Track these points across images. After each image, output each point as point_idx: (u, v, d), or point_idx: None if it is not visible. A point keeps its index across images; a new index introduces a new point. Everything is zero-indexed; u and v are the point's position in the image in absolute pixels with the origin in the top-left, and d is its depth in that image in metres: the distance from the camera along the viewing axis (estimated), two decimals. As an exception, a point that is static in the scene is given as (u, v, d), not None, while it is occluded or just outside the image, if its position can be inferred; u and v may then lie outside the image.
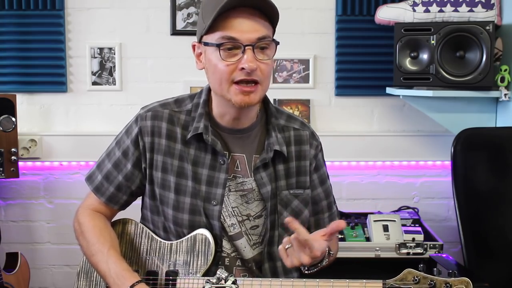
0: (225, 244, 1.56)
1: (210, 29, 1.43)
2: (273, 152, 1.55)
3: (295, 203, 1.59)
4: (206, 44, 1.46)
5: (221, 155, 1.53)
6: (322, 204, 1.68)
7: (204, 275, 1.49)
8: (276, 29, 1.50)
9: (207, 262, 1.49)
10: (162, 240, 1.57)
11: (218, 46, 1.42)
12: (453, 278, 1.33)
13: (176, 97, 1.63)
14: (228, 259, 1.56)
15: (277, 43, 1.48)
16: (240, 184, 1.56)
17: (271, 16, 1.45)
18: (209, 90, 1.59)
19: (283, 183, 1.58)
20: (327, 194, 1.70)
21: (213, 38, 1.44)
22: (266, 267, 1.57)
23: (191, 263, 1.51)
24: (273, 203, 1.56)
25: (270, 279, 1.47)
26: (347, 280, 1.39)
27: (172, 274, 1.50)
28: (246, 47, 1.41)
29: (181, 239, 1.53)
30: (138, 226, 1.61)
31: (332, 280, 1.40)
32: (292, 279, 1.46)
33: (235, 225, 1.56)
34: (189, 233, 1.53)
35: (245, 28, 1.41)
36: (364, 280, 1.38)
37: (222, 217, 1.54)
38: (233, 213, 1.55)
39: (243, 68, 1.41)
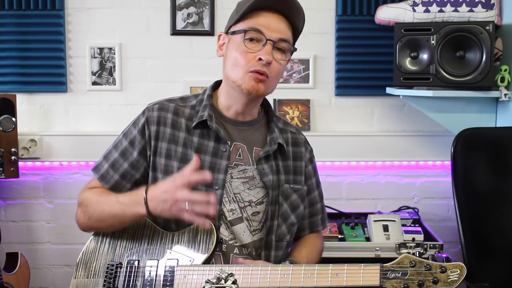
0: (223, 231, 1.59)
1: (241, 20, 1.57)
2: (277, 145, 1.64)
3: (293, 197, 1.67)
4: (233, 33, 1.59)
5: (223, 143, 1.61)
6: (317, 206, 1.80)
7: (204, 263, 1.51)
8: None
9: (208, 251, 1.51)
10: (165, 231, 1.59)
11: (245, 31, 1.55)
12: (448, 263, 1.35)
13: (181, 95, 1.72)
14: (225, 245, 1.59)
15: (294, 49, 1.63)
16: (242, 171, 1.62)
17: (295, 29, 1.61)
18: (213, 86, 1.70)
19: (283, 177, 1.66)
20: (321, 197, 1.82)
21: (241, 26, 1.57)
22: (262, 255, 1.62)
23: (192, 252, 1.53)
24: (275, 193, 1.63)
25: (269, 264, 1.51)
26: (346, 265, 1.40)
27: (172, 263, 1.52)
28: (268, 41, 1.54)
29: (183, 230, 1.56)
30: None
31: (330, 264, 1.41)
32: (290, 265, 1.49)
33: (234, 211, 1.60)
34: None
35: (272, 26, 1.56)
36: (362, 264, 1.39)
37: (222, 202, 1.59)
38: (234, 199, 1.61)
39: (260, 59, 1.54)
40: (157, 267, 1.52)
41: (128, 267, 1.55)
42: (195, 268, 1.49)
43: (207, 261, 1.51)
